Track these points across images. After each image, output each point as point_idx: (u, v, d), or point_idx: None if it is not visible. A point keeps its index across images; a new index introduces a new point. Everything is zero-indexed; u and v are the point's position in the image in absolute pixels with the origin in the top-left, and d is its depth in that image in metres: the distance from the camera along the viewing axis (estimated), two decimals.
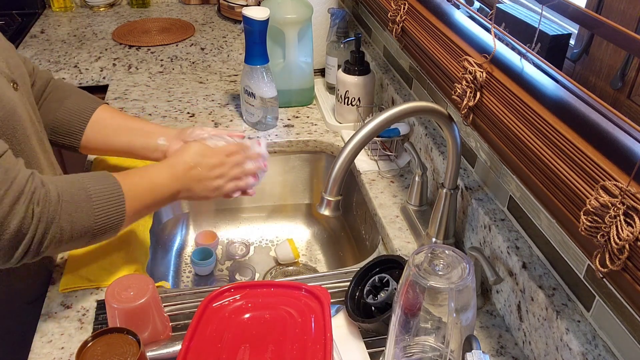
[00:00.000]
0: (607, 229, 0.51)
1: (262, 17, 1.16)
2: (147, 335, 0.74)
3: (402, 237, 0.98)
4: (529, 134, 0.64)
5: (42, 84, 0.96)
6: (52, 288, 0.86)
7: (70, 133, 0.96)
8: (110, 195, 0.75)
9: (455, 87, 0.78)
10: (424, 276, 0.58)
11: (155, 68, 1.57)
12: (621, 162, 0.52)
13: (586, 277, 0.66)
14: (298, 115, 1.35)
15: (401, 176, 1.13)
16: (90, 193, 0.73)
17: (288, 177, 1.32)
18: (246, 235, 1.29)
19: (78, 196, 0.72)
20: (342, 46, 1.36)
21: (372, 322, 0.75)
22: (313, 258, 1.24)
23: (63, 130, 0.95)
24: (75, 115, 0.95)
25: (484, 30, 0.82)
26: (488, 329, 0.80)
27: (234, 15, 1.90)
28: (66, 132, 0.96)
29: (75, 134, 0.96)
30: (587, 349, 0.63)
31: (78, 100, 0.97)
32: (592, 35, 0.72)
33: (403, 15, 1.00)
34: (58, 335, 0.79)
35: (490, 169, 0.87)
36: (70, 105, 0.96)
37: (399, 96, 1.21)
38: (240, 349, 0.73)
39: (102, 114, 0.97)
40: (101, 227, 0.74)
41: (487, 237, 0.84)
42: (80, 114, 0.96)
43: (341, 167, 0.73)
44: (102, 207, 0.74)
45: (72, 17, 1.94)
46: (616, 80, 0.68)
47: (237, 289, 0.81)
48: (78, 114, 0.95)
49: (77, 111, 0.95)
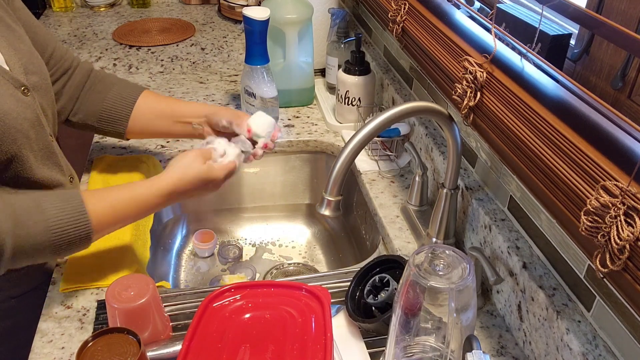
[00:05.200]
0: (607, 229, 0.51)
1: (263, 17, 1.16)
2: (148, 335, 0.74)
3: (402, 237, 0.98)
4: (530, 134, 0.64)
5: (82, 76, 1.00)
6: (52, 288, 0.86)
7: (116, 121, 1.01)
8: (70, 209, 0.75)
9: (456, 87, 0.78)
10: (424, 276, 0.58)
11: (156, 68, 1.57)
12: (621, 162, 0.52)
13: (586, 277, 0.66)
14: (298, 115, 1.35)
15: (401, 176, 1.13)
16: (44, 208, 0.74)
17: (288, 177, 1.32)
18: (246, 235, 1.29)
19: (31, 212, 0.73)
20: (342, 46, 1.36)
21: (372, 322, 0.75)
22: (313, 258, 1.24)
23: (110, 119, 1.01)
24: (120, 105, 1.01)
25: (485, 30, 0.82)
26: (488, 329, 0.80)
27: (235, 15, 1.90)
28: (113, 120, 1.01)
29: (121, 121, 1.01)
30: (587, 349, 0.63)
31: (121, 90, 1.02)
32: (592, 36, 0.72)
33: (403, 15, 1.00)
34: (58, 335, 0.79)
35: (490, 169, 0.87)
36: (114, 95, 1.01)
37: (400, 96, 1.21)
38: (241, 349, 0.73)
39: (143, 101, 1.02)
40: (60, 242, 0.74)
41: (487, 237, 0.84)
42: (124, 103, 1.01)
43: (341, 167, 0.73)
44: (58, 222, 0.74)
45: (72, 17, 1.94)
46: (616, 80, 0.68)
47: (237, 289, 0.81)
48: (122, 102, 1.01)
49: (121, 100, 1.01)
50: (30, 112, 0.81)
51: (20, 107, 0.79)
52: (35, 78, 0.85)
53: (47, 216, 0.74)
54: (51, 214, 0.74)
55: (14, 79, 0.80)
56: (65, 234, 0.74)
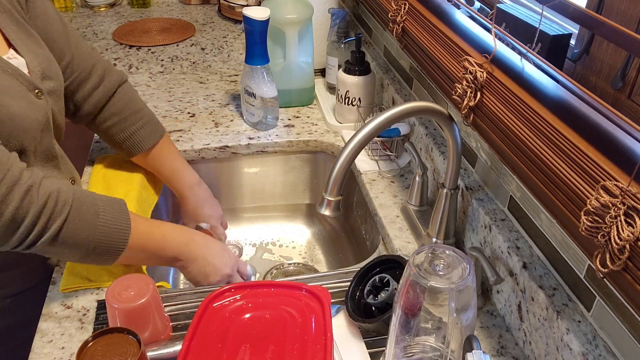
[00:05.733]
0: (607, 229, 0.51)
1: (263, 17, 1.16)
2: (148, 335, 0.74)
3: (402, 237, 0.98)
4: (530, 134, 0.64)
5: (111, 86, 1.00)
6: (52, 288, 0.86)
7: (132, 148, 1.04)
8: (118, 219, 0.79)
9: (456, 87, 0.78)
10: (424, 276, 0.58)
11: (156, 68, 1.57)
12: (622, 162, 0.52)
13: (587, 277, 0.66)
14: (298, 115, 1.35)
15: (401, 176, 1.13)
16: (99, 210, 0.77)
17: (288, 177, 1.32)
18: (246, 235, 1.29)
19: (87, 208, 0.76)
20: (342, 46, 1.36)
21: (372, 322, 0.75)
22: (313, 258, 1.24)
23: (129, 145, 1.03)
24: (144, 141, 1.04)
25: (485, 30, 0.82)
26: (488, 329, 0.80)
27: (235, 15, 1.90)
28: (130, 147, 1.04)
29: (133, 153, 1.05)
30: (587, 349, 0.63)
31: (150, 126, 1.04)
32: (592, 36, 0.72)
33: (403, 15, 1.00)
34: (58, 335, 0.79)
35: (490, 169, 0.87)
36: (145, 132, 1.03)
37: (400, 96, 1.21)
38: (241, 349, 0.73)
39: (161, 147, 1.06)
40: (99, 244, 0.77)
41: (487, 237, 0.84)
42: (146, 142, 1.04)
43: (342, 167, 0.73)
44: (106, 227, 0.77)
45: (72, 17, 1.94)
46: (617, 80, 0.68)
47: (237, 289, 0.81)
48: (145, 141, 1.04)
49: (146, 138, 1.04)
50: (41, 115, 0.82)
51: (32, 109, 0.80)
52: (51, 84, 0.86)
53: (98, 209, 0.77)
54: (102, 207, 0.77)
55: (29, 82, 0.81)
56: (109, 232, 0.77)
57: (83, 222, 0.75)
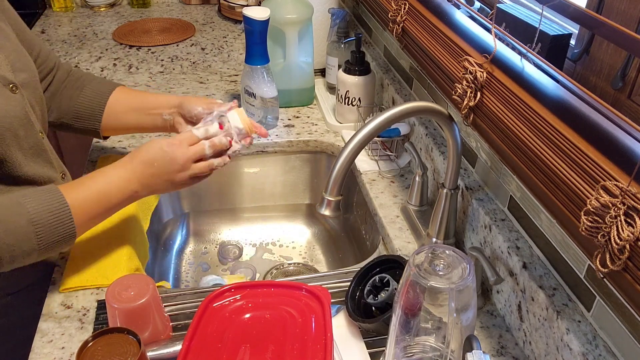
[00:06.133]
0: (607, 229, 0.51)
1: (263, 17, 1.16)
2: (148, 335, 0.74)
3: (402, 237, 0.98)
4: (530, 134, 0.64)
5: (62, 73, 1.00)
6: (52, 288, 0.86)
7: (91, 117, 1.00)
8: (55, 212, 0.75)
9: (456, 87, 0.78)
10: (424, 276, 0.58)
11: (156, 68, 1.57)
12: (622, 162, 0.52)
13: (587, 277, 0.66)
14: (298, 115, 1.35)
15: (401, 176, 1.13)
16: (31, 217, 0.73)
17: (288, 177, 1.32)
18: (246, 235, 1.29)
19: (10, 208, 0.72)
20: (342, 46, 1.36)
21: (372, 322, 0.75)
22: (313, 258, 1.24)
23: (84, 115, 0.99)
24: (94, 100, 0.99)
25: (485, 30, 0.82)
26: (488, 329, 0.80)
27: (235, 15, 1.90)
28: (87, 117, 1.00)
29: (95, 117, 1.00)
30: (587, 349, 0.63)
31: (95, 86, 1.01)
32: (592, 36, 0.72)
33: (403, 15, 1.00)
34: (58, 335, 0.79)
35: (490, 169, 0.87)
36: (89, 91, 1.00)
37: (400, 96, 1.21)
38: (241, 349, 0.73)
39: (116, 96, 1.01)
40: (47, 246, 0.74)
41: (487, 237, 0.84)
42: (98, 98, 1.00)
43: (341, 167, 0.73)
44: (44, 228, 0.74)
45: (72, 17, 1.94)
46: (617, 80, 0.68)
47: (237, 289, 0.81)
48: (96, 98, 0.99)
49: (96, 96, 1.00)
50: (19, 110, 0.81)
51: (9, 105, 0.79)
52: (24, 75, 0.85)
53: (27, 209, 0.73)
54: (31, 206, 0.73)
55: (1, 77, 0.80)
56: (48, 225, 0.74)
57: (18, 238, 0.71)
